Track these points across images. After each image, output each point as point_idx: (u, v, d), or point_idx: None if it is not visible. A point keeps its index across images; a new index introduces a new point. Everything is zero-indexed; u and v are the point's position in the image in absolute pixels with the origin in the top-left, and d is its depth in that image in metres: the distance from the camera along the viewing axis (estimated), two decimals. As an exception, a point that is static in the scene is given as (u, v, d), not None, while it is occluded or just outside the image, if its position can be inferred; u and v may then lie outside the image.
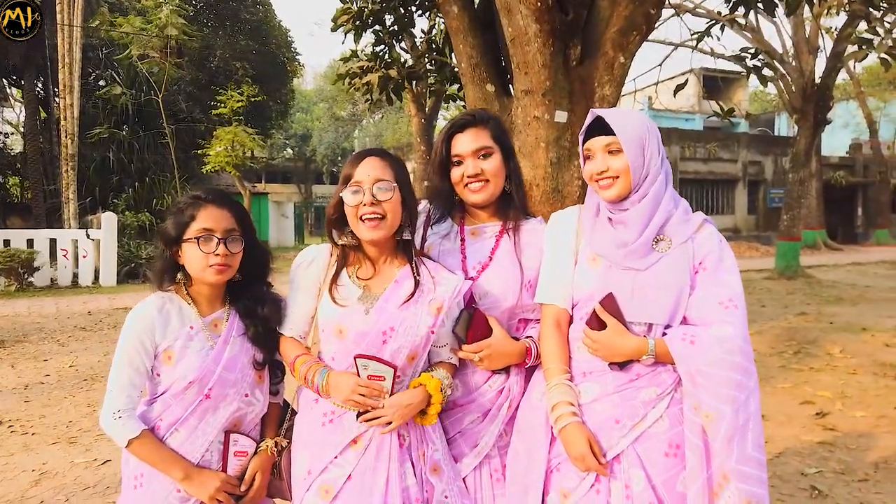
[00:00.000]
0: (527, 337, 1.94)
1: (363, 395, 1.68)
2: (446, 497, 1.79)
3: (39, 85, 21.94)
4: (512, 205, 2.00)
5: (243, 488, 1.87)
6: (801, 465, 4.00)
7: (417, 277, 1.80)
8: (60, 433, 4.71)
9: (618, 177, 1.74)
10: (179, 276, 1.90)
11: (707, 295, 1.69)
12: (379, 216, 1.73)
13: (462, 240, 2.01)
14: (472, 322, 1.83)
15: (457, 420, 1.91)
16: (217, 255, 1.80)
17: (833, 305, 10.68)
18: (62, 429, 4.80)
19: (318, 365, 1.78)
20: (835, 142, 32.15)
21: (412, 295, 1.77)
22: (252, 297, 1.93)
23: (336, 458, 1.74)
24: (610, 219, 1.79)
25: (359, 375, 1.70)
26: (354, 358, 1.70)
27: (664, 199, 1.74)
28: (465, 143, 1.96)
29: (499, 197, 2.00)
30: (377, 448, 1.73)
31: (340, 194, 1.78)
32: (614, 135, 1.72)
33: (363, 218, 1.73)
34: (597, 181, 1.78)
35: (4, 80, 23.63)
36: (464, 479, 1.88)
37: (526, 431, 1.84)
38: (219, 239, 1.81)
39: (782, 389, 5.67)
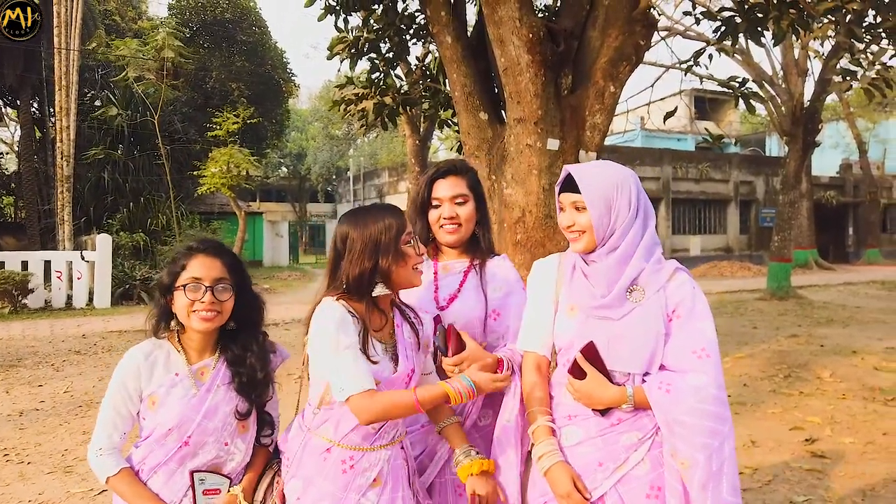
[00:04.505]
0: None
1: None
2: None
3: (35, 105, 22.04)
4: (479, 245, 2.28)
5: None
6: (790, 492, 4.05)
7: (412, 320, 1.99)
8: (56, 462, 4.71)
9: (584, 231, 1.81)
10: (174, 323, 1.95)
11: (681, 343, 1.76)
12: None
13: (435, 273, 2.26)
14: (448, 336, 2.01)
15: (419, 440, 2.11)
16: (202, 301, 1.85)
17: (824, 327, 10.78)
18: (58, 457, 4.81)
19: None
20: (825, 162, 32.51)
21: (417, 336, 1.96)
22: (242, 346, 1.96)
23: (360, 500, 1.82)
24: (583, 270, 1.87)
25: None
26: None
27: (636, 254, 1.78)
28: (445, 188, 2.23)
29: (468, 238, 2.27)
30: (394, 480, 1.87)
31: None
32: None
33: None
34: (567, 232, 1.86)
35: (0, 101, 23.73)
36: (428, 489, 2.07)
37: (499, 451, 1.93)
38: (206, 287, 1.86)
39: (772, 415, 5.72)
